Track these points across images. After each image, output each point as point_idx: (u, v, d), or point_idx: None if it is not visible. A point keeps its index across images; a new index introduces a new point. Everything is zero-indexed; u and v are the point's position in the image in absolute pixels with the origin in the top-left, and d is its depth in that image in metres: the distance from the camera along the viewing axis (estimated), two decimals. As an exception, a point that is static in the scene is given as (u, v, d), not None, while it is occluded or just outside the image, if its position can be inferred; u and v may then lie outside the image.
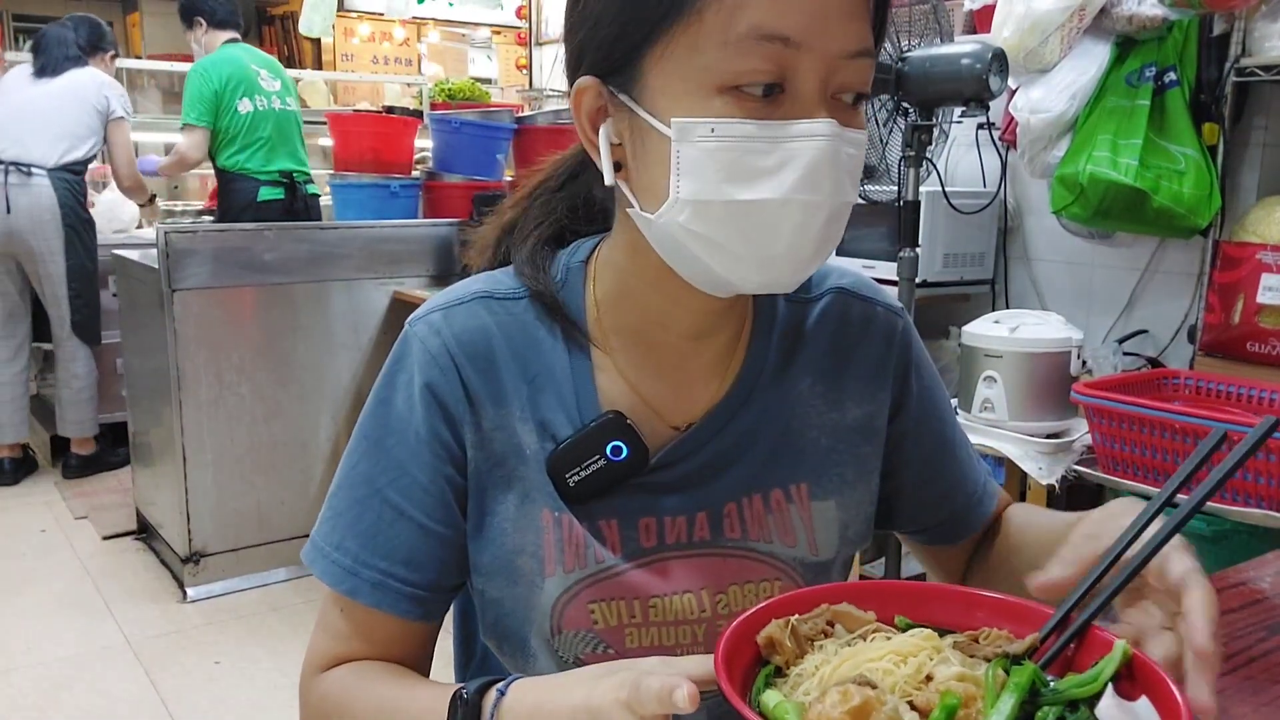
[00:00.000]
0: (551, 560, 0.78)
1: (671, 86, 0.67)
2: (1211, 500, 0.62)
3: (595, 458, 0.77)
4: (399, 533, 0.78)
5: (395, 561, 0.78)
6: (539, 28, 6.41)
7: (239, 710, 2.47)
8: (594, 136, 0.73)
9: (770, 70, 0.65)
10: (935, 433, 0.91)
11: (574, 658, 0.79)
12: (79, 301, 3.84)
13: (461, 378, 0.79)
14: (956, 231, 2.79)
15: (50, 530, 3.56)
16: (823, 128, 0.66)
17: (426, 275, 3.34)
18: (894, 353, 0.88)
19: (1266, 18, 2.23)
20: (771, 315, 0.85)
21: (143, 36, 7.41)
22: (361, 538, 0.79)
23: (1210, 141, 2.36)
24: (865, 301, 0.88)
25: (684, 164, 0.67)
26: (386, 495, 0.79)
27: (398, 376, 0.82)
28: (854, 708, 0.52)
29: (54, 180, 3.73)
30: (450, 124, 3.55)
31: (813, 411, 0.84)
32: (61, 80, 3.80)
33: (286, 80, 4.14)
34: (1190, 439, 1.80)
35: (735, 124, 0.65)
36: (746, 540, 0.81)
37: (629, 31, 0.68)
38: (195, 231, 3.01)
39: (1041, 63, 2.45)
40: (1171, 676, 0.54)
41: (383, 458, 0.79)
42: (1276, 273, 2.19)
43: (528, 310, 0.81)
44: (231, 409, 3.05)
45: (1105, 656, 0.57)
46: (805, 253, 0.69)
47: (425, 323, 0.82)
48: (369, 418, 0.82)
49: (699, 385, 0.82)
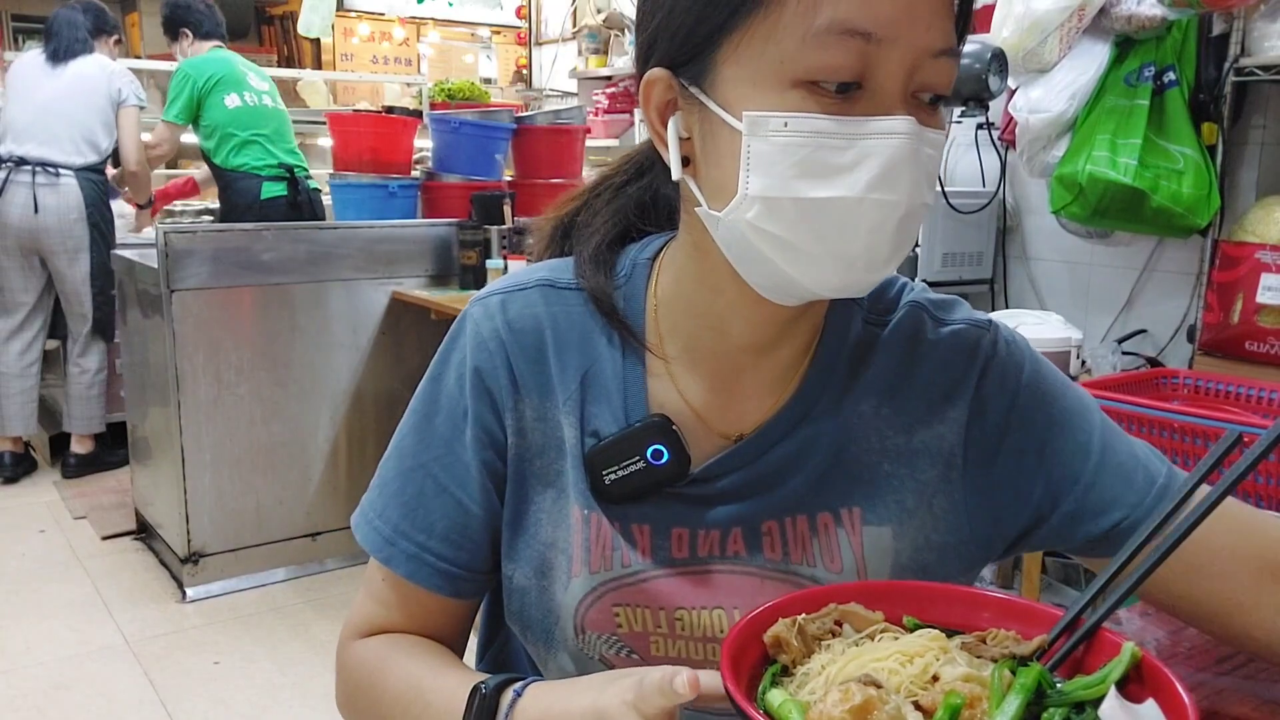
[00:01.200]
0: (578, 560, 0.77)
1: (745, 79, 0.65)
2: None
3: (635, 459, 0.76)
4: (439, 508, 0.80)
5: (433, 536, 0.80)
6: (538, 28, 6.42)
7: (238, 710, 2.46)
8: (662, 130, 0.71)
9: (850, 66, 0.62)
10: (1063, 444, 0.80)
11: (598, 657, 0.78)
12: (100, 299, 3.87)
13: (510, 365, 0.79)
14: (955, 231, 2.79)
15: (49, 530, 3.55)
16: (902, 125, 0.63)
17: (425, 275, 3.34)
18: (975, 369, 0.80)
19: (1265, 17, 2.23)
20: (844, 333, 0.80)
21: (142, 37, 7.40)
22: (403, 509, 0.80)
23: (1209, 141, 2.37)
24: (942, 317, 0.82)
25: (754, 159, 0.65)
26: (431, 470, 0.80)
27: (451, 355, 0.82)
28: (855, 706, 0.52)
29: (80, 180, 3.77)
30: (449, 124, 3.55)
31: (874, 435, 0.79)
32: (71, 72, 3.80)
33: (272, 85, 4.19)
34: (1189, 438, 1.80)
35: (810, 119, 0.63)
36: (788, 563, 0.77)
37: (705, 20, 0.66)
38: (194, 232, 3.01)
39: (1041, 63, 2.45)
40: (1179, 679, 0.54)
41: (430, 434, 0.81)
42: (1275, 272, 2.19)
43: (586, 303, 0.80)
44: (230, 409, 3.04)
45: (1113, 659, 0.57)
46: (881, 254, 0.67)
47: (483, 305, 0.82)
48: (423, 392, 0.83)
49: (753, 399, 0.79)
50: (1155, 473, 0.79)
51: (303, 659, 2.70)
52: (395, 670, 0.79)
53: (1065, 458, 0.79)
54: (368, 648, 0.83)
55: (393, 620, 0.83)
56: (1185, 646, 0.88)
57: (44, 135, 3.74)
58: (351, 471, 3.27)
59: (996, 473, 0.80)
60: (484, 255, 3.20)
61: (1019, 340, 0.83)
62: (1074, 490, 0.78)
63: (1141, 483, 0.78)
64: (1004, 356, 0.81)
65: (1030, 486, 0.79)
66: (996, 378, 0.80)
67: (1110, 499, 0.78)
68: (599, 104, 5.03)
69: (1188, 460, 1.78)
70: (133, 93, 3.92)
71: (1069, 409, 0.80)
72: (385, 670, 0.80)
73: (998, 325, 0.83)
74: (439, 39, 6.95)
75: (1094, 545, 0.79)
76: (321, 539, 3.24)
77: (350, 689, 0.84)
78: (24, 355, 3.94)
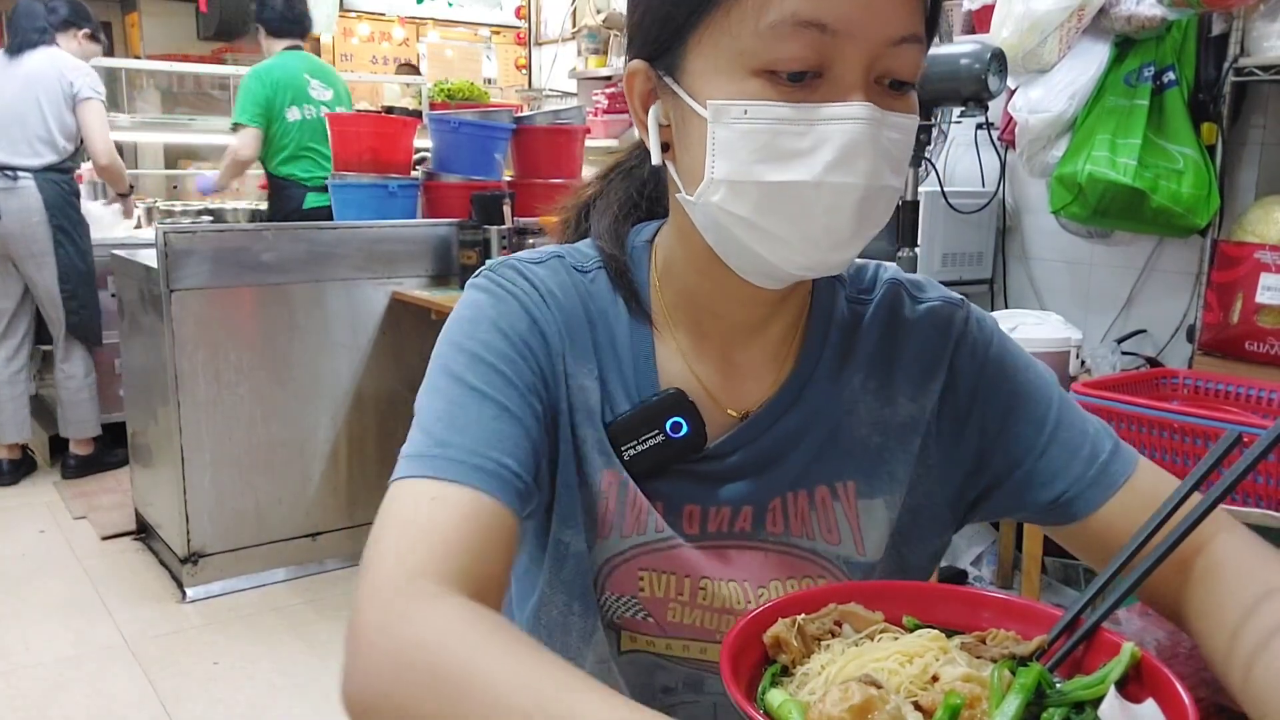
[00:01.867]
0: (607, 523, 0.78)
1: (709, 69, 0.69)
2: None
3: (654, 433, 0.78)
4: (503, 427, 0.72)
5: (505, 452, 0.70)
6: (538, 28, 6.42)
7: (238, 710, 2.46)
8: (645, 118, 0.75)
9: (803, 56, 0.65)
10: (1021, 415, 0.83)
11: (613, 619, 0.80)
12: (74, 302, 3.82)
13: (555, 316, 0.79)
14: (955, 231, 2.79)
15: (49, 531, 3.55)
16: (858, 110, 0.66)
17: (425, 275, 3.34)
18: (950, 343, 0.84)
19: (1265, 17, 2.23)
20: (829, 311, 0.84)
21: (141, 36, 7.39)
22: (462, 432, 0.70)
23: (1209, 141, 2.37)
24: (918, 294, 0.87)
25: (719, 145, 0.68)
26: (487, 395, 0.73)
27: (495, 303, 0.78)
28: (855, 706, 0.52)
29: (40, 182, 3.70)
30: (449, 124, 3.55)
31: (863, 408, 0.83)
32: (24, 69, 3.71)
33: (341, 89, 4.19)
34: (1189, 438, 1.80)
35: (768, 106, 0.66)
36: (788, 536, 0.80)
37: (674, 14, 0.70)
38: (194, 232, 3.01)
39: (1040, 63, 2.45)
40: (1178, 679, 0.54)
41: (478, 367, 0.74)
42: (1275, 272, 2.19)
43: (596, 282, 0.83)
44: (230, 409, 3.04)
45: (1113, 659, 0.57)
46: (843, 233, 0.69)
47: (507, 266, 0.81)
48: (458, 340, 0.76)
49: (751, 378, 0.82)
50: (1100, 449, 0.82)
51: (302, 659, 2.70)
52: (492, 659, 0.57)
53: (1023, 428, 0.83)
54: (460, 611, 0.60)
55: (466, 564, 0.64)
56: (1185, 646, 0.88)
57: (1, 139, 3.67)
58: (351, 471, 3.26)
59: (964, 440, 0.84)
60: (484, 255, 3.20)
61: (987, 318, 0.88)
62: (1027, 459, 0.82)
63: (1086, 457, 0.81)
64: (975, 332, 0.85)
65: (990, 453, 0.84)
66: (968, 351, 0.85)
67: (1057, 469, 0.81)
68: (598, 104, 5.03)
69: (1187, 460, 1.78)
70: (87, 85, 3.80)
71: (1030, 382, 0.85)
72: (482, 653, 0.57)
73: (969, 303, 0.88)
74: (439, 39, 6.95)
75: (1041, 514, 0.83)
76: (321, 539, 3.24)
77: (424, 650, 0.58)
78: (11, 362, 3.91)
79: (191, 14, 7.38)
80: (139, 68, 6.20)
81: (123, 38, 7.70)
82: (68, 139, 3.79)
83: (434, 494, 0.67)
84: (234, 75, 6.13)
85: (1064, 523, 0.82)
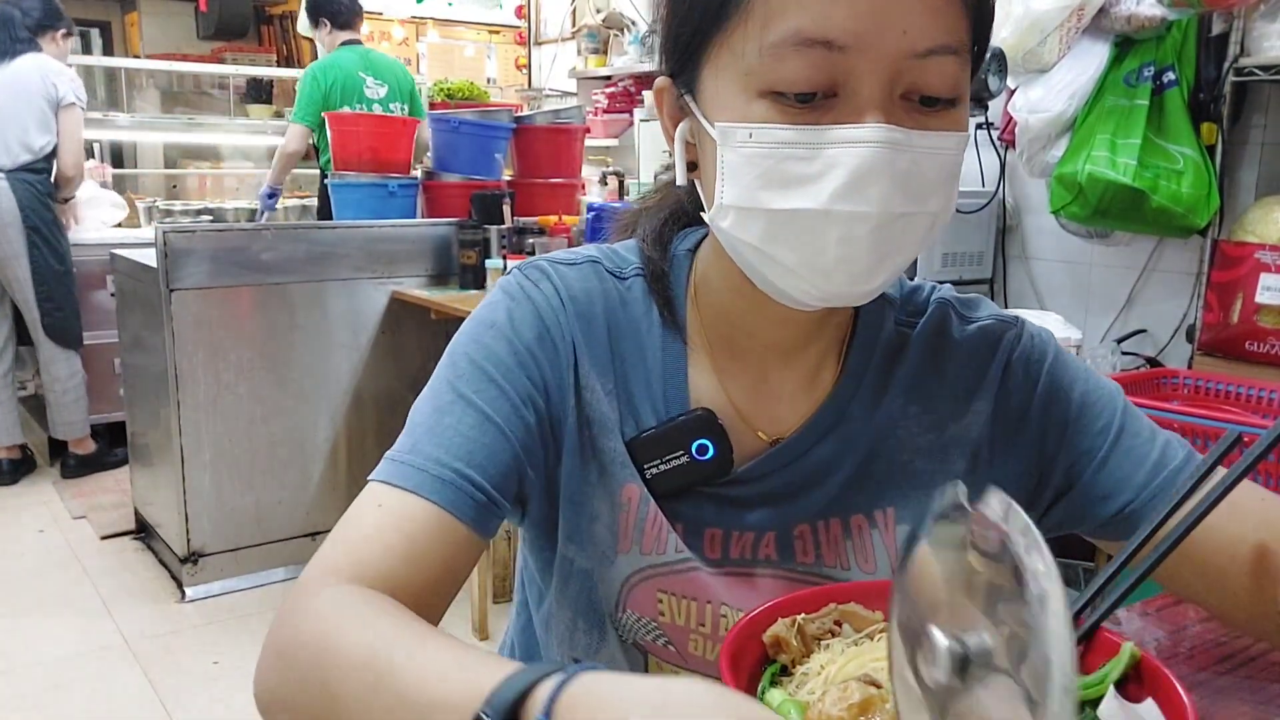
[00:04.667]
0: (628, 538, 0.75)
1: (721, 90, 0.66)
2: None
3: (679, 453, 0.74)
4: (480, 437, 0.71)
5: (471, 464, 0.70)
6: (538, 27, 6.41)
7: (237, 710, 2.46)
8: (674, 135, 0.73)
9: (810, 77, 0.61)
10: (1080, 427, 0.80)
11: (634, 641, 0.77)
12: (49, 305, 3.77)
13: (574, 329, 0.76)
14: (955, 231, 2.79)
15: (48, 530, 3.55)
16: (869, 133, 0.61)
17: (425, 275, 3.34)
18: (999, 361, 0.81)
19: (1265, 17, 2.23)
20: (876, 335, 0.80)
21: (141, 36, 7.39)
22: (438, 440, 0.70)
23: (1209, 141, 2.36)
24: (969, 314, 0.83)
25: (727, 169, 0.65)
26: (473, 401, 0.72)
27: (509, 307, 0.77)
28: (854, 705, 0.52)
29: (13, 182, 3.68)
30: (449, 123, 3.55)
31: (906, 434, 0.79)
32: (9, 72, 3.70)
33: (397, 84, 4.18)
34: (1189, 439, 1.80)
35: (773, 129, 0.63)
36: (821, 566, 0.77)
37: (687, 32, 0.68)
38: (194, 231, 3.01)
39: (1040, 62, 2.45)
40: (1178, 679, 0.54)
41: (475, 374, 0.74)
42: (1275, 272, 2.19)
43: (631, 290, 0.79)
44: (230, 409, 3.04)
45: (1112, 659, 0.57)
46: (860, 265, 0.65)
47: (536, 268, 0.79)
48: (464, 345, 0.76)
49: (786, 401, 0.78)
50: (1170, 458, 0.78)
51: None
52: (363, 626, 0.60)
53: (1082, 439, 0.80)
54: (337, 596, 0.62)
55: (391, 566, 0.65)
56: (1185, 646, 0.88)
57: None
58: (351, 471, 3.26)
59: (1021, 458, 0.80)
60: (484, 255, 3.20)
61: (1044, 333, 0.84)
62: (1086, 470, 0.79)
63: (1153, 466, 0.78)
64: (1028, 346, 0.82)
65: (1051, 470, 0.81)
66: (1021, 366, 0.81)
67: (1120, 479, 0.78)
68: (598, 104, 5.03)
69: (1187, 460, 1.78)
70: (71, 91, 3.80)
71: (1089, 394, 0.81)
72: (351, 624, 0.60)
73: (1024, 321, 0.84)
74: (438, 39, 6.95)
75: (1105, 528, 0.80)
76: (321, 539, 3.22)
77: (298, 638, 0.61)
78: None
79: (191, 13, 7.38)
80: (139, 67, 6.20)
81: (122, 37, 7.70)
82: (45, 140, 3.75)
83: (383, 499, 0.68)
84: (234, 74, 6.14)
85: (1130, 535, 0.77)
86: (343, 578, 0.64)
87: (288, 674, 0.61)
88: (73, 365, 3.91)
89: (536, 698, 0.47)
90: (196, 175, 5.65)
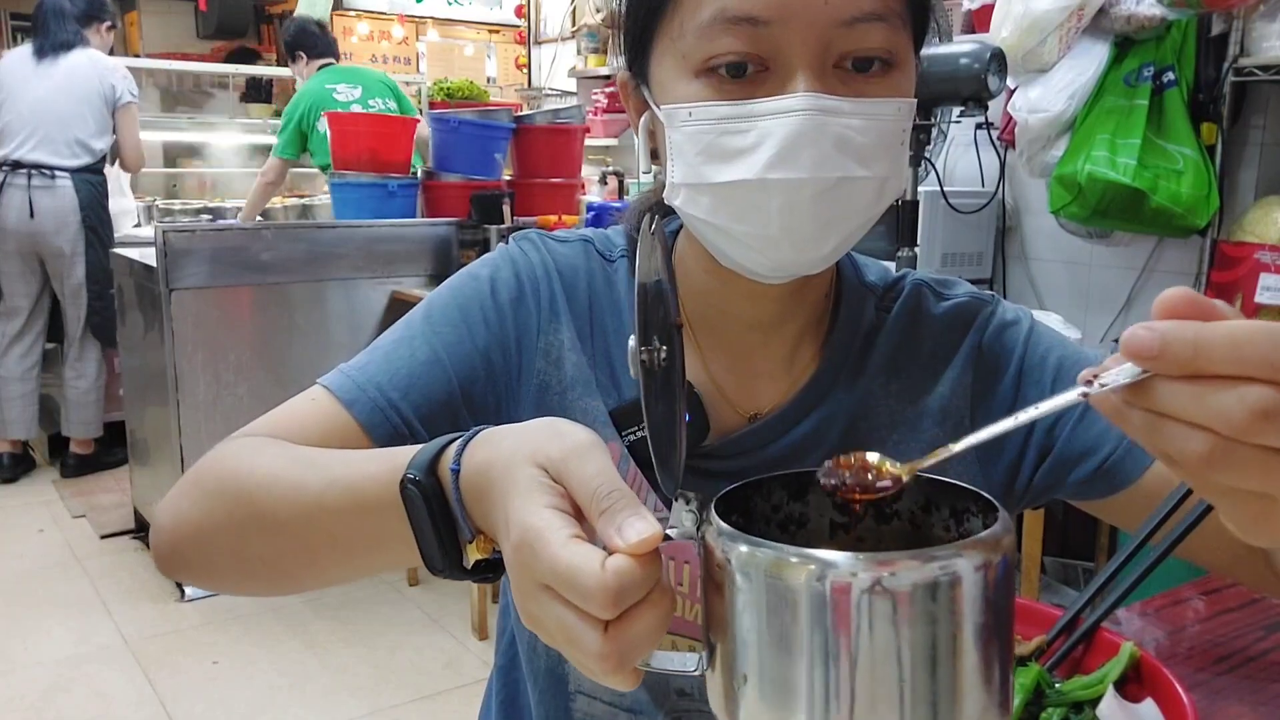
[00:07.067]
0: None
1: (664, 75, 0.69)
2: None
3: None
4: (424, 374, 0.77)
5: (406, 398, 0.76)
6: (538, 27, 6.41)
7: (237, 710, 2.46)
8: (639, 127, 0.76)
9: (738, 50, 0.64)
10: (1060, 389, 0.81)
11: None
12: (98, 303, 3.84)
13: (553, 293, 0.81)
14: (955, 231, 2.79)
15: (48, 530, 3.55)
16: (796, 102, 0.63)
17: (424, 275, 3.34)
18: (974, 334, 0.83)
19: (1265, 18, 2.23)
20: (858, 321, 0.83)
21: (141, 36, 7.39)
22: (386, 367, 0.78)
23: (1208, 141, 2.37)
24: (944, 292, 0.85)
25: (674, 149, 0.69)
26: (430, 340, 0.79)
27: (490, 268, 0.84)
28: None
29: (77, 182, 3.75)
30: (448, 123, 3.55)
31: (884, 411, 0.81)
32: (62, 69, 3.75)
33: (370, 82, 4.19)
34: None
35: (709, 106, 0.66)
36: None
37: (638, 26, 0.71)
38: (193, 231, 3.01)
39: (1040, 62, 2.45)
40: (1177, 679, 0.54)
41: (441, 316, 0.81)
42: (1274, 273, 2.19)
43: (618, 271, 0.83)
44: (229, 409, 3.04)
45: (1112, 659, 0.57)
46: (804, 233, 0.67)
47: (528, 241, 0.85)
48: (439, 293, 0.84)
49: (765, 379, 0.81)
50: None
51: (301, 659, 2.70)
52: (275, 448, 0.70)
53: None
54: (253, 439, 0.73)
55: (304, 443, 0.73)
56: (1185, 646, 0.88)
57: (38, 137, 3.70)
58: (350, 471, 3.26)
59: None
60: (482, 255, 3.19)
61: (1019, 309, 0.86)
62: (1066, 426, 0.80)
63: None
64: (1004, 319, 0.84)
65: (1032, 429, 0.81)
66: (996, 337, 0.83)
67: (1100, 431, 0.79)
68: (598, 103, 5.03)
69: (1187, 460, 1.78)
70: (127, 90, 3.87)
71: (1068, 357, 0.83)
72: (259, 450, 0.70)
73: (999, 298, 0.86)
74: (438, 38, 6.95)
75: (1088, 485, 0.80)
76: (320, 538, 3.23)
77: (216, 467, 0.71)
78: (24, 359, 3.93)
79: (191, 13, 7.38)
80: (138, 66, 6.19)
81: (122, 36, 7.69)
82: (104, 141, 3.84)
83: (320, 399, 0.77)
84: (234, 74, 6.14)
85: (1113, 492, 0.79)
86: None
87: (203, 500, 0.70)
88: (102, 365, 3.97)
89: (449, 452, 0.55)
90: (196, 175, 5.64)
